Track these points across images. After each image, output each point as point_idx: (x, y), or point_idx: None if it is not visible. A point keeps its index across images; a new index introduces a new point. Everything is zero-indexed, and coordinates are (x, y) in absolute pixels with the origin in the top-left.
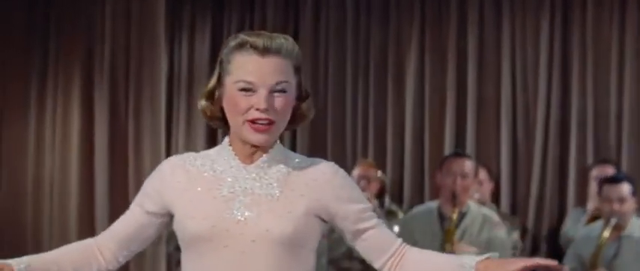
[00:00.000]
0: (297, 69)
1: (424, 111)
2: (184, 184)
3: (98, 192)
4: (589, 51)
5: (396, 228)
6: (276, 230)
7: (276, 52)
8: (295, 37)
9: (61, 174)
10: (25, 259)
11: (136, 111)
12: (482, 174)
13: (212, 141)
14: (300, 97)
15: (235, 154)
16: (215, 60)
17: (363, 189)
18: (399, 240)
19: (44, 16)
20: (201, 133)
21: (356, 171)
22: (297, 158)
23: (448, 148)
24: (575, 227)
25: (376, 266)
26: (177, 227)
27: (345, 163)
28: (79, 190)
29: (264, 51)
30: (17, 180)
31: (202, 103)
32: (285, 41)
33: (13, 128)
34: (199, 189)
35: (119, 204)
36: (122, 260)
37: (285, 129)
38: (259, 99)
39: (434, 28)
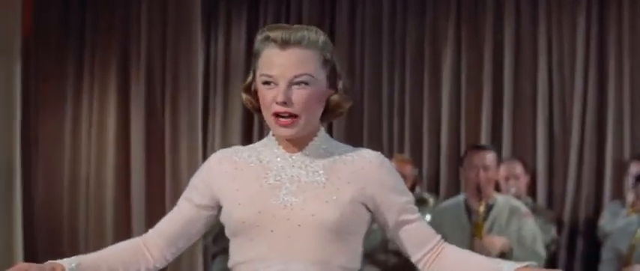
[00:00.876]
0: (327, 61)
1: (460, 105)
2: (231, 173)
3: (134, 187)
4: (625, 45)
5: (428, 217)
6: (321, 216)
7: (297, 43)
8: (331, 32)
9: (97, 170)
10: (75, 258)
11: (172, 107)
12: (519, 168)
13: (248, 137)
14: (334, 88)
15: (279, 144)
16: (251, 56)
17: None
18: (438, 237)
19: (80, 12)
20: (237, 129)
21: None
22: (343, 146)
23: (484, 142)
24: (613, 221)
25: (413, 259)
26: (224, 216)
27: None
28: (115, 185)
29: (284, 43)
30: (53, 175)
31: (243, 97)
32: (307, 32)
33: (49, 124)
34: (246, 177)
35: (155, 200)
36: (170, 258)
37: (322, 121)
38: (278, 92)
39: (470, 22)
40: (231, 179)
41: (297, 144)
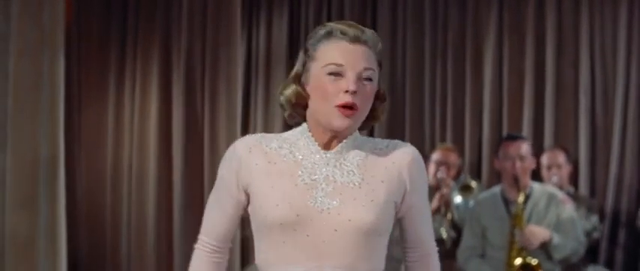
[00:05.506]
0: (379, 65)
1: (502, 94)
2: (263, 167)
3: (176, 176)
4: None
5: (472, 203)
6: (358, 221)
7: (365, 42)
8: (373, 20)
9: (139, 156)
10: None
11: (211, 95)
12: (561, 157)
13: (289, 126)
14: (378, 96)
15: (316, 140)
16: (293, 42)
17: (443, 175)
18: (430, 247)
19: (122, 2)
20: (278, 118)
21: (435, 156)
22: (373, 142)
23: (526, 131)
24: None
25: (402, 250)
26: (256, 212)
27: (424, 147)
28: (156, 171)
29: (355, 39)
30: (96, 162)
31: (292, 88)
32: (372, 35)
33: (91, 111)
34: (280, 173)
35: (195, 186)
36: None
37: (359, 129)
38: (348, 81)
39: (512, 11)
40: (264, 173)
41: (333, 141)
